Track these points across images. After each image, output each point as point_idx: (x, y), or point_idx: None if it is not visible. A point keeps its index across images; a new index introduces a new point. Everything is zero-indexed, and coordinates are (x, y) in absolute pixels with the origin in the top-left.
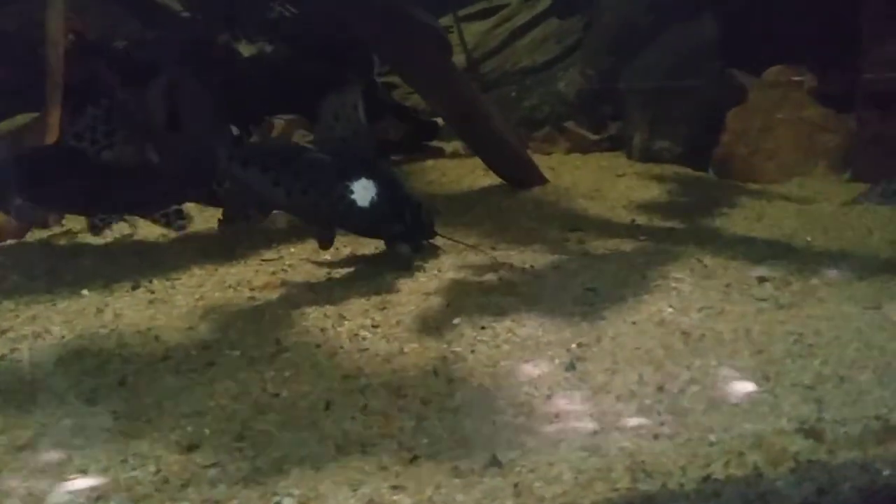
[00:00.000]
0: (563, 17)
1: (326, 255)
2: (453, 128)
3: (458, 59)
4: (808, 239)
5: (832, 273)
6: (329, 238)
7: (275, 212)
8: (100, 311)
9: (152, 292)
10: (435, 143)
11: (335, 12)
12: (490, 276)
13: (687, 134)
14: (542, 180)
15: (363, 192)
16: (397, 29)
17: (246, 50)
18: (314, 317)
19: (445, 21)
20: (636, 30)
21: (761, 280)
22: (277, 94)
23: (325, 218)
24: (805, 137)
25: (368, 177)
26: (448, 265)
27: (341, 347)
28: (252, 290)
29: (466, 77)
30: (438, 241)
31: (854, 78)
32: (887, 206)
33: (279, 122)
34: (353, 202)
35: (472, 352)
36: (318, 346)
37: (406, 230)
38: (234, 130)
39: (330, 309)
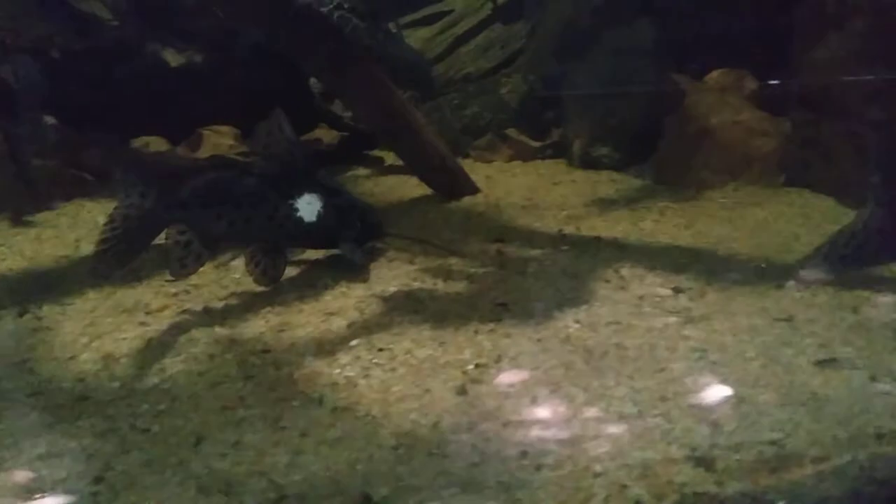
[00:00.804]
0: (507, 23)
1: (236, 274)
2: (382, 139)
3: None
4: (734, 247)
5: (750, 283)
6: (273, 274)
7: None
8: None
9: (39, 318)
10: (376, 154)
11: (260, 25)
12: (398, 293)
13: (626, 140)
14: (474, 190)
15: (308, 207)
16: (324, 43)
17: (173, 60)
18: (204, 342)
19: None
20: (578, 35)
21: (676, 291)
22: (206, 104)
23: (274, 240)
24: (741, 142)
25: (311, 191)
26: (358, 283)
27: (227, 376)
28: (148, 313)
29: (394, 88)
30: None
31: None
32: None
33: (208, 132)
34: (301, 219)
35: (366, 376)
36: (200, 374)
37: (356, 235)
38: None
39: (223, 333)
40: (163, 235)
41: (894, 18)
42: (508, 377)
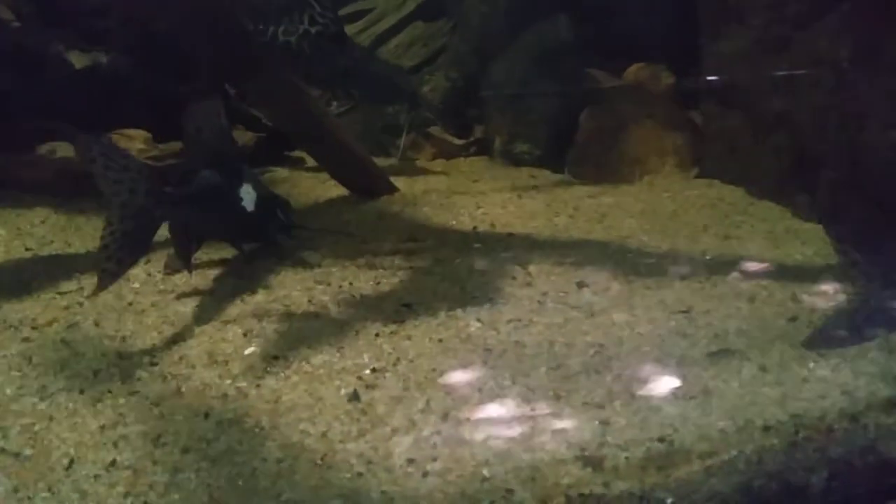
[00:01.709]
0: (429, 21)
1: (136, 284)
2: (295, 141)
3: None
4: (644, 239)
5: (655, 275)
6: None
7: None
8: None
9: None
10: (296, 154)
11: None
12: (299, 298)
13: (546, 136)
14: (392, 189)
15: (248, 197)
16: (233, 46)
17: (78, 61)
18: (90, 357)
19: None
20: (499, 32)
21: (581, 286)
22: (115, 107)
23: (229, 234)
24: (655, 135)
25: (247, 181)
26: (260, 289)
27: (109, 392)
28: (34, 328)
29: (305, 89)
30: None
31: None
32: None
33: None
34: (244, 209)
35: (257, 386)
36: (82, 391)
37: (284, 225)
38: None
39: (111, 346)
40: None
41: (788, 13)
42: (403, 381)
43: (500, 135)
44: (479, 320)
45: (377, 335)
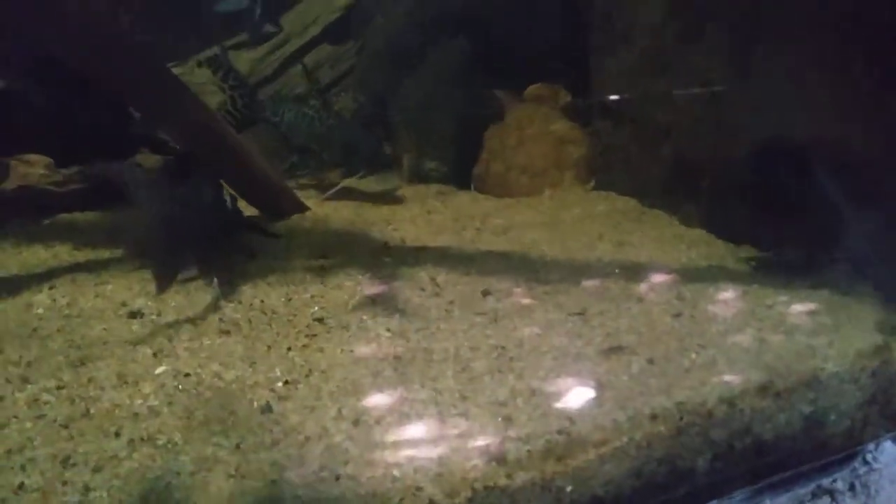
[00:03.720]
0: (336, 43)
1: (39, 309)
2: (202, 161)
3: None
4: (544, 249)
5: (553, 282)
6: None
7: None
8: None
9: None
10: None
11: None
12: (211, 316)
13: (452, 154)
14: (302, 208)
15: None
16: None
17: None
18: None
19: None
20: (404, 52)
21: (485, 294)
22: (12, 132)
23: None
24: (553, 151)
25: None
26: (171, 307)
27: (15, 417)
28: None
29: (207, 108)
30: None
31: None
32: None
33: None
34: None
35: (169, 404)
36: None
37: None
38: None
39: (15, 372)
40: None
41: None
42: (317, 390)
43: (409, 153)
44: (388, 330)
45: (289, 349)
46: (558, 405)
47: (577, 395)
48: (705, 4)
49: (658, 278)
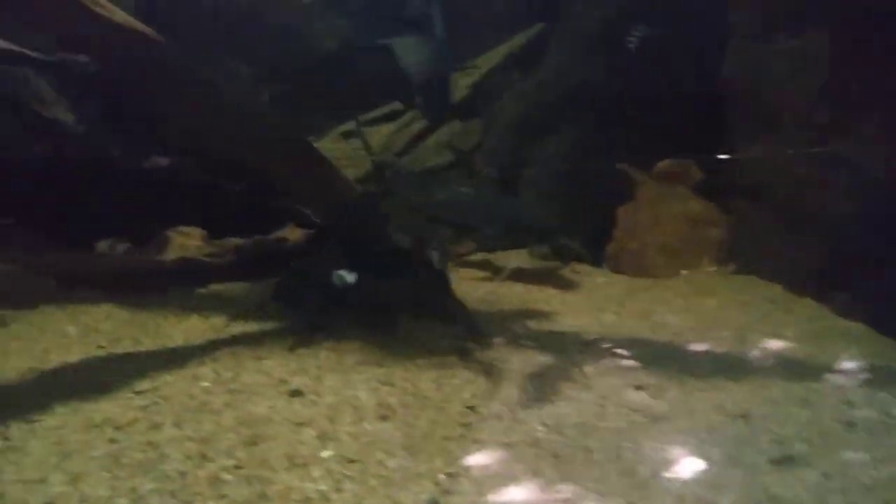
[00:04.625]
0: (465, 119)
1: (205, 382)
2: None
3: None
4: (690, 338)
5: (707, 376)
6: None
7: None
8: None
9: (7, 438)
10: None
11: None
12: (367, 398)
13: (584, 231)
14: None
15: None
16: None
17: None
18: (175, 458)
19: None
20: (533, 127)
21: (638, 388)
22: (172, 205)
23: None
24: (690, 231)
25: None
26: (328, 387)
27: (199, 494)
28: (117, 428)
29: (352, 185)
30: None
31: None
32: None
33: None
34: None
35: (338, 490)
36: (172, 494)
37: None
38: None
39: (193, 448)
40: None
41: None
42: (477, 485)
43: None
44: (544, 424)
45: (445, 438)
46: None
47: None
48: (861, 91)
49: (821, 378)
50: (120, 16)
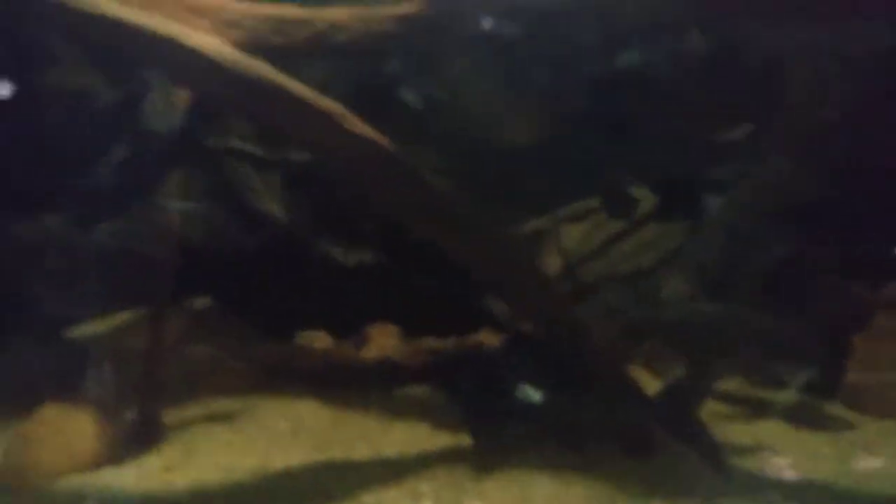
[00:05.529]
0: (665, 222)
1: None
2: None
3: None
4: None
5: None
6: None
7: None
8: None
9: None
10: None
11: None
12: None
13: (811, 359)
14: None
15: None
16: None
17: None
18: None
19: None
20: (746, 244)
21: None
22: (373, 302)
23: None
24: None
25: None
26: None
27: None
28: None
29: (560, 293)
30: None
31: None
32: None
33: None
34: None
35: None
36: None
37: None
38: None
39: None
40: None
41: None
42: None
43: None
44: None
45: None
46: None
47: None
48: None
49: None
50: (360, 127)
